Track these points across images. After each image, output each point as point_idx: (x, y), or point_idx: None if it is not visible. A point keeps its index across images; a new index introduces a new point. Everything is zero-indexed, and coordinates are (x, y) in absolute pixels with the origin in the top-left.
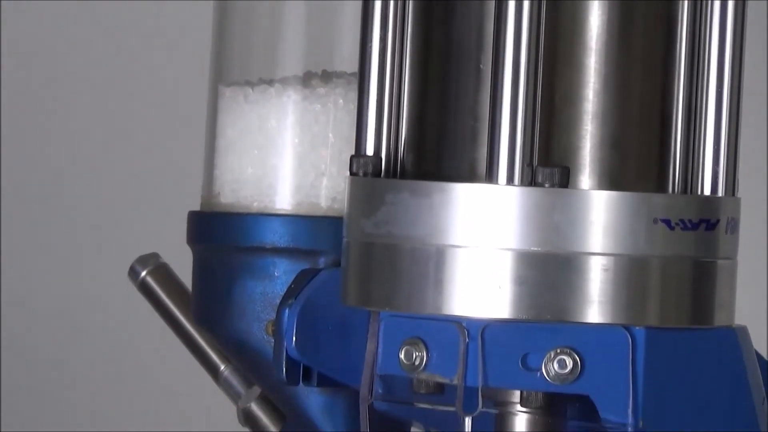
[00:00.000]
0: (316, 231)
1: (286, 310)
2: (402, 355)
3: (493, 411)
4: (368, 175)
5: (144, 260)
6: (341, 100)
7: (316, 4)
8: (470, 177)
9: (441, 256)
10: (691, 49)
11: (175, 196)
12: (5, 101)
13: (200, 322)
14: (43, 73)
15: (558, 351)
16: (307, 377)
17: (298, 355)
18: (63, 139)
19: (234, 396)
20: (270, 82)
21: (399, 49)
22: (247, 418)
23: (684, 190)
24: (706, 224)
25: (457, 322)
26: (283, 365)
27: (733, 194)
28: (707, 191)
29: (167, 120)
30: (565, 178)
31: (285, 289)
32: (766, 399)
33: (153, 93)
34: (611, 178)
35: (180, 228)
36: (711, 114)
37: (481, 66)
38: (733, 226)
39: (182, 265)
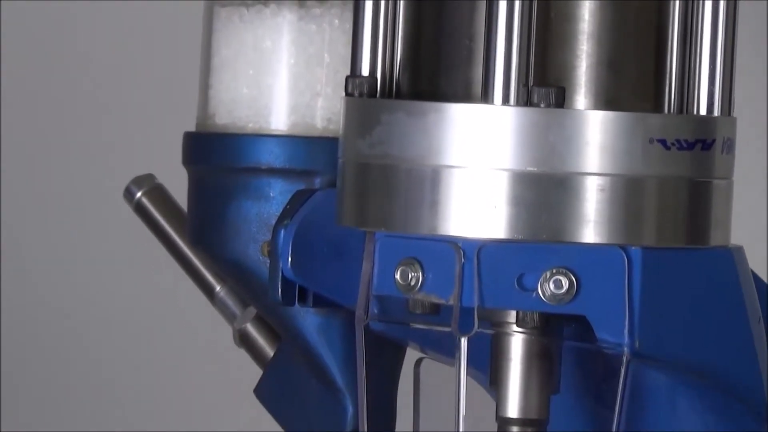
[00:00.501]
0: (311, 151)
1: (282, 231)
2: (397, 276)
3: (489, 332)
4: (364, 95)
5: (139, 181)
6: (336, 20)
7: None
8: (466, 97)
9: (436, 177)
10: None
11: (171, 116)
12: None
13: (195, 243)
14: None
15: (554, 271)
16: (302, 298)
17: (293, 276)
18: (60, 64)
19: (229, 317)
20: (265, 2)
21: None
22: (243, 338)
23: (680, 110)
24: (702, 144)
25: (453, 242)
26: (279, 286)
27: (729, 114)
28: (703, 111)
29: (163, 40)
30: (561, 98)
31: (280, 210)
32: (762, 318)
33: (148, 13)
34: (607, 98)
35: (176, 149)
36: (707, 34)
37: None
38: (729, 145)
39: (178, 186)
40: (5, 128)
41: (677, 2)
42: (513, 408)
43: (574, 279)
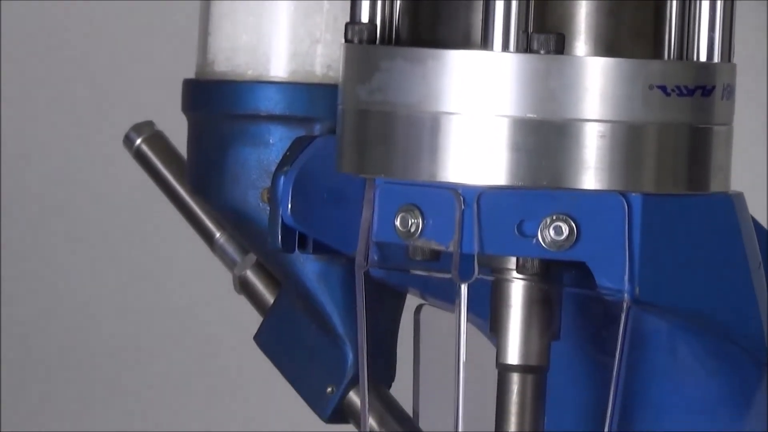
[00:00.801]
0: (311, 98)
1: (282, 177)
2: (397, 222)
3: (489, 278)
4: (363, 42)
5: (139, 128)
6: None
7: None
8: (465, 44)
9: (436, 123)
10: None
11: (171, 63)
12: None
13: (195, 190)
14: None
15: (554, 217)
16: (302, 244)
17: (293, 223)
18: (57, 13)
19: (229, 263)
20: None
21: None
22: (243, 285)
23: (680, 57)
24: (702, 90)
25: (453, 188)
26: (279, 232)
27: (729, 60)
28: (703, 57)
29: None
30: (561, 44)
31: (280, 157)
32: (762, 264)
33: None
34: (607, 45)
35: (176, 96)
36: None
37: None
38: (729, 92)
39: (178, 133)
40: (4, 78)
41: None
42: (513, 355)
43: (574, 225)
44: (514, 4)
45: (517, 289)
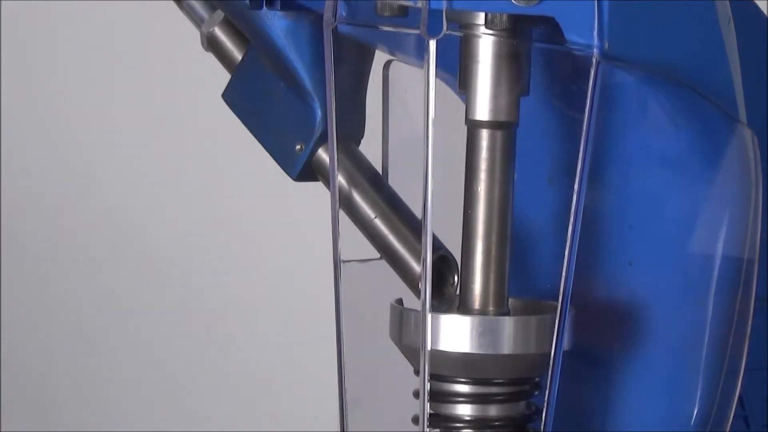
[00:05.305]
0: None
1: None
2: None
3: (458, 34)
4: None
5: None
6: None
7: None
8: None
9: None
10: None
11: None
12: None
13: None
14: None
15: None
16: (270, 1)
17: None
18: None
19: (197, 20)
20: None
21: None
22: (211, 42)
23: None
24: None
25: None
26: None
27: None
28: None
29: None
30: None
31: None
32: (732, 19)
33: None
34: None
35: None
36: None
37: None
38: None
39: None
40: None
41: None
42: (483, 110)
43: None
44: None
45: (485, 45)
